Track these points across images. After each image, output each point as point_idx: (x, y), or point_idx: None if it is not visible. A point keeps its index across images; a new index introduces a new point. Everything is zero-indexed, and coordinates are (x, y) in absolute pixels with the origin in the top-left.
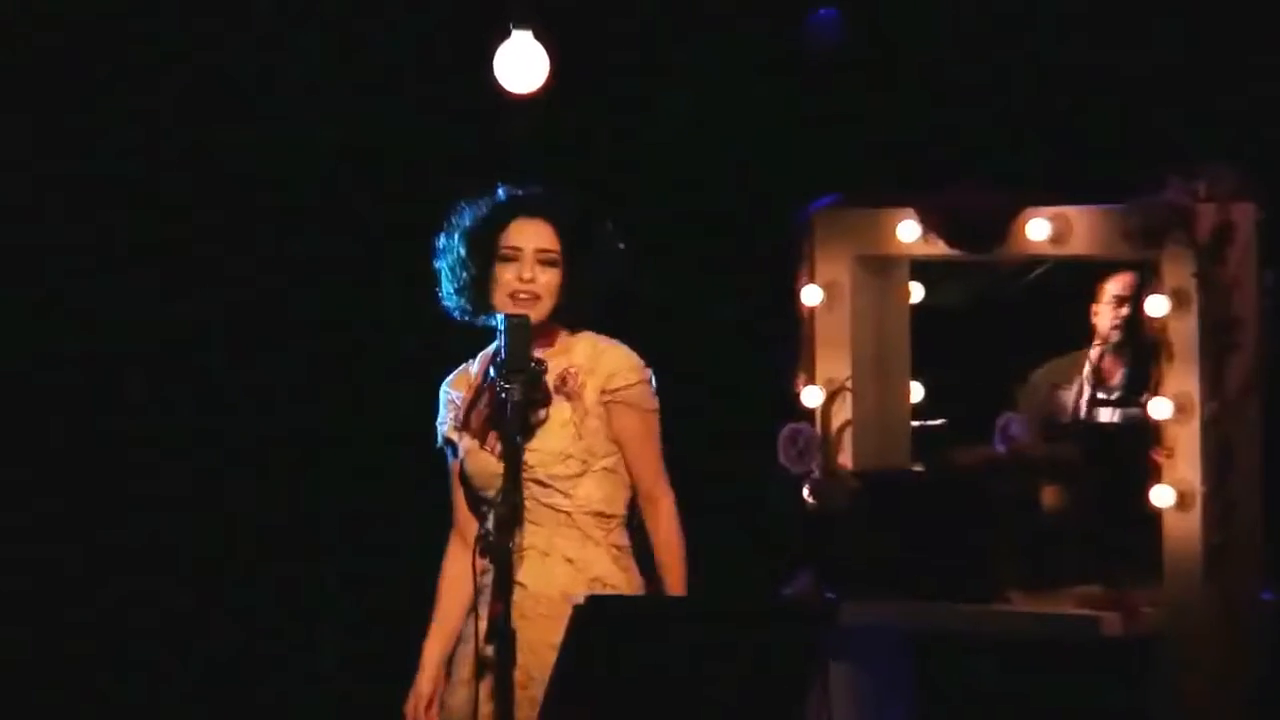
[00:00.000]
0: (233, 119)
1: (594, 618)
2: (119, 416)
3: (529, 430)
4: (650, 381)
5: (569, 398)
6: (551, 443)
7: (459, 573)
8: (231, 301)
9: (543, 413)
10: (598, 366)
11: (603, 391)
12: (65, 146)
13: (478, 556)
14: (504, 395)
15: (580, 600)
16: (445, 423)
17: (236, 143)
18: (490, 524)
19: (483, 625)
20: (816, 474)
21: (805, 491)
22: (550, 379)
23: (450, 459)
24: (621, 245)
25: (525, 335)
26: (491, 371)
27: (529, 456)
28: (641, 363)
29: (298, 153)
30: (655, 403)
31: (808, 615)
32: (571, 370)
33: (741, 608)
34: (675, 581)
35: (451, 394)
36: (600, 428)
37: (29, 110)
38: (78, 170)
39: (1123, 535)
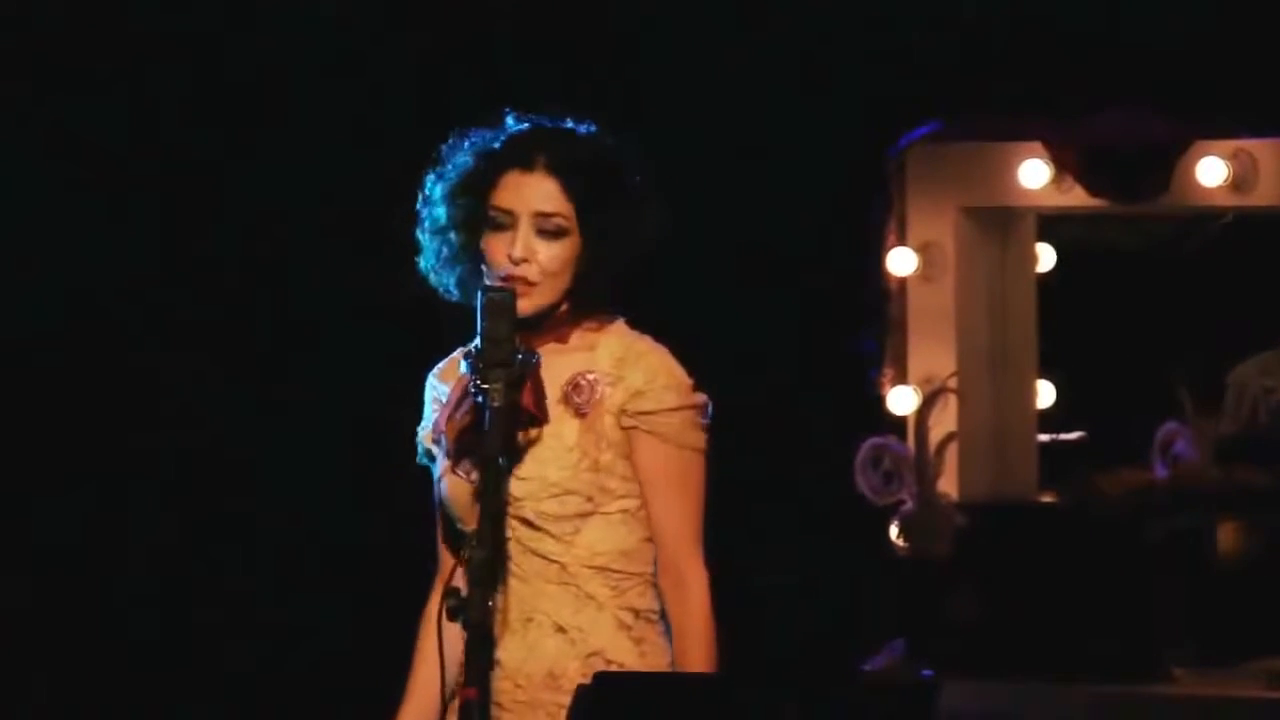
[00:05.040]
0: None
1: (602, 704)
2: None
3: (515, 450)
4: (698, 409)
5: (578, 413)
6: (548, 471)
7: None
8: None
9: (534, 430)
10: (624, 376)
11: (623, 412)
12: None
13: (444, 619)
14: (479, 399)
15: (585, 680)
16: (422, 425)
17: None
18: (462, 577)
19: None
20: (908, 506)
21: (893, 530)
22: (557, 385)
23: (435, 476)
24: (655, 203)
25: (509, 316)
26: (463, 366)
27: (516, 486)
28: (685, 380)
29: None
30: (700, 440)
31: (896, 699)
32: (588, 377)
33: (805, 689)
34: None
35: (439, 389)
36: (618, 460)
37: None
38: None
39: None
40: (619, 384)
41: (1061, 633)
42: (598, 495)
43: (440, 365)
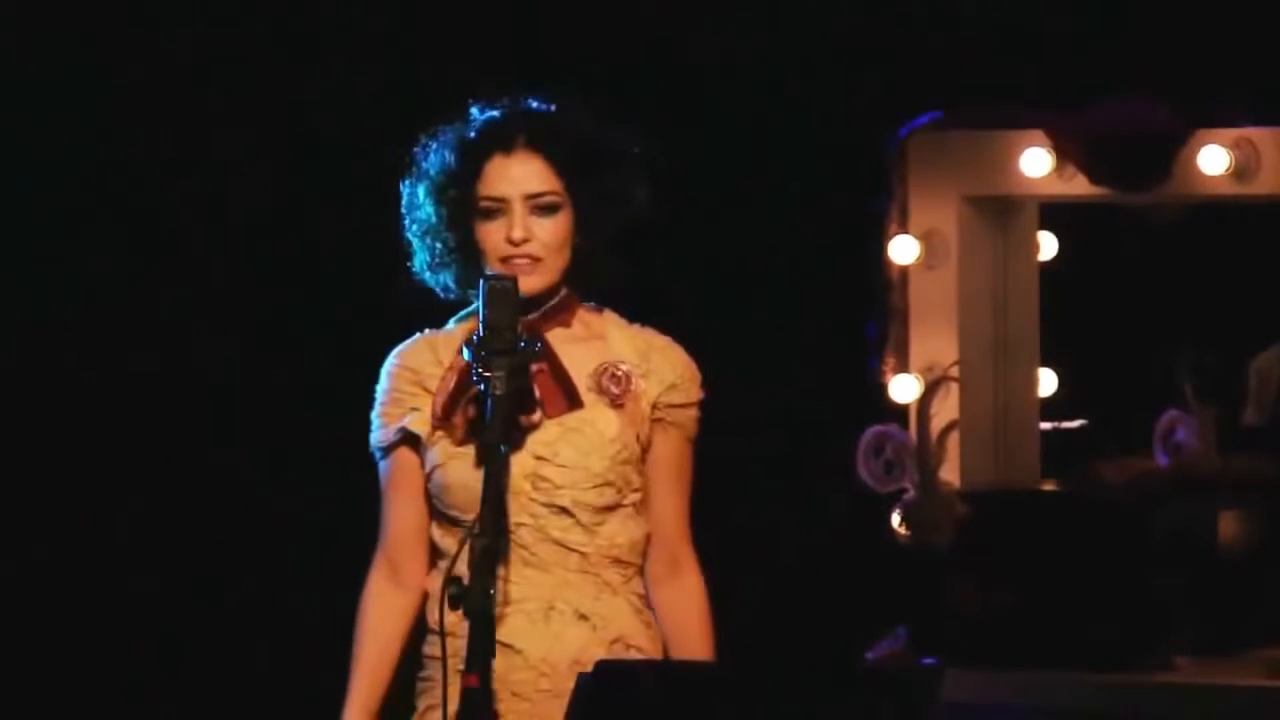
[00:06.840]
0: None
1: (606, 693)
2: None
3: (516, 437)
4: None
5: (615, 404)
6: (591, 461)
7: (385, 616)
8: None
9: (571, 418)
10: (653, 368)
11: (656, 404)
12: None
13: (446, 609)
14: (482, 387)
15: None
16: (384, 406)
17: None
18: (462, 564)
19: (453, 707)
20: (911, 494)
21: (895, 519)
22: (583, 373)
23: (381, 460)
24: (643, 166)
25: (512, 303)
26: (466, 353)
27: (556, 474)
28: (699, 374)
29: None
30: (697, 431)
31: (898, 688)
32: (622, 368)
33: (808, 678)
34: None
35: (405, 368)
36: (641, 453)
37: None
38: None
39: None
40: (650, 376)
41: (1063, 621)
42: (624, 488)
43: (404, 347)
